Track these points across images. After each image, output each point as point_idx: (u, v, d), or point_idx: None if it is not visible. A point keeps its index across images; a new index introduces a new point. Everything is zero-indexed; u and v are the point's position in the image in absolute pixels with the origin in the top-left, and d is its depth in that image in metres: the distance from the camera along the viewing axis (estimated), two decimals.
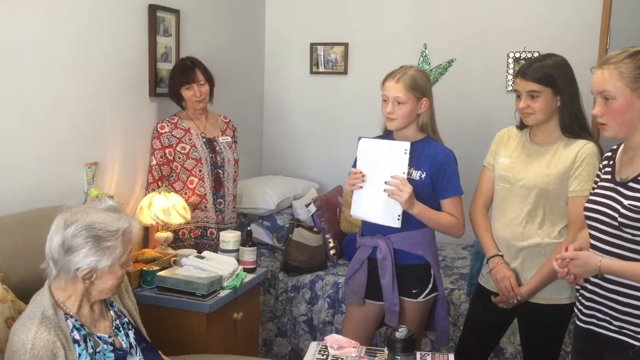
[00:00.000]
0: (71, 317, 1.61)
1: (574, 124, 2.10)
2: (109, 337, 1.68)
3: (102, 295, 1.67)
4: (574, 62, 2.17)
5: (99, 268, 1.59)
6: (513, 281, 2.15)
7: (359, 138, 2.29)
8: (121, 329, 1.75)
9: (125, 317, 1.81)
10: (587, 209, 1.79)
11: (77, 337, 1.59)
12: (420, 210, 2.15)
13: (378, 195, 2.17)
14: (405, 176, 2.12)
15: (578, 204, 2.02)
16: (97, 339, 1.64)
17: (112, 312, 1.76)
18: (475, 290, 2.43)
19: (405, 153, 2.12)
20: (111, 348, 1.66)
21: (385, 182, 2.13)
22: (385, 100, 2.22)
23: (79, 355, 1.57)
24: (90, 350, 1.60)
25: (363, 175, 2.19)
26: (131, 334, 1.77)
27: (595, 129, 2.31)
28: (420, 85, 2.20)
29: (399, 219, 2.16)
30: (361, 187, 2.19)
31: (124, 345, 1.71)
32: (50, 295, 1.59)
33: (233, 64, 3.69)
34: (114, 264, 1.61)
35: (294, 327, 3.19)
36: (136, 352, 1.74)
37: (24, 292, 1.70)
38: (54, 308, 1.57)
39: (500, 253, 2.22)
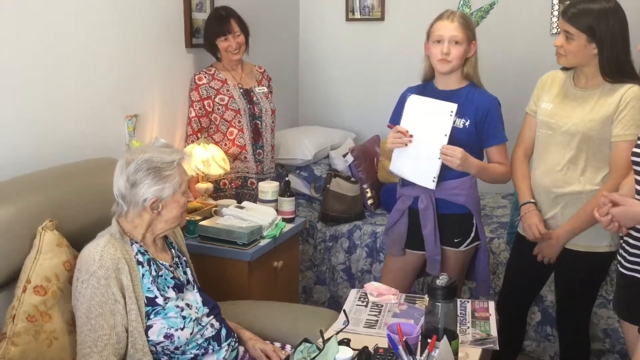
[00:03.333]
0: (136, 242, 1.73)
1: (614, 71, 2.01)
2: (170, 266, 1.80)
3: (167, 225, 1.77)
4: (623, 2, 2.05)
5: (164, 196, 1.71)
6: (541, 228, 2.12)
7: (406, 93, 2.24)
8: (180, 265, 1.85)
9: (183, 256, 1.92)
10: (635, 153, 1.73)
11: (140, 259, 1.71)
12: (477, 169, 2.14)
13: (417, 154, 2.14)
14: (446, 139, 2.07)
15: (621, 148, 1.96)
16: (160, 264, 1.76)
17: (172, 251, 1.87)
18: (514, 240, 2.41)
19: (451, 115, 2.06)
20: (171, 275, 1.77)
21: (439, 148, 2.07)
22: (438, 41, 2.14)
23: (143, 275, 1.69)
24: (154, 273, 1.72)
25: (411, 135, 2.13)
26: (188, 271, 1.88)
27: None
28: (472, 25, 2.16)
29: (434, 181, 2.13)
30: (406, 145, 2.15)
31: (182, 279, 1.82)
32: (117, 225, 1.72)
33: (267, 12, 3.63)
34: (175, 191, 1.73)
35: (332, 275, 3.24)
36: (193, 287, 1.85)
37: (74, 240, 1.77)
38: (120, 234, 1.71)
39: (533, 200, 2.18)
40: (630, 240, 1.76)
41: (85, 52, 2.27)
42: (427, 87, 2.27)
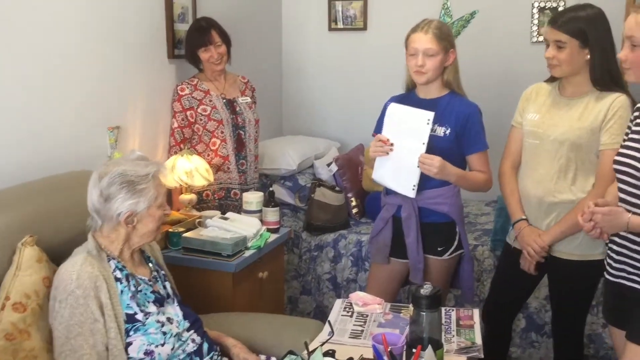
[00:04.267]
0: (113, 258, 1.70)
1: (606, 78, 2.02)
2: (149, 280, 1.77)
3: (143, 240, 1.75)
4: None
5: (138, 210, 1.68)
6: (540, 242, 2.12)
7: (389, 102, 2.25)
8: (159, 279, 1.83)
9: (162, 270, 1.90)
10: (616, 162, 1.75)
11: (119, 275, 1.68)
12: (455, 178, 2.14)
13: (397, 162, 2.15)
14: (424, 147, 2.08)
15: (608, 157, 1.98)
16: (138, 279, 1.74)
17: (150, 264, 1.85)
18: (503, 249, 2.41)
19: (428, 123, 2.07)
20: (151, 289, 1.75)
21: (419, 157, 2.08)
22: (413, 54, 2.16)
23: (121, 291, 1.66)
24: (133, 289, 1.69)
25: (392, 144, 2.14)
26: (167, 285, 1.85)
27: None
28: (448, 35, 2.16)
29: (413, 189, 2.14)
30: (387, 154, 2.16)
31: (162, 292, 1.80)
32: (94, 240, 1.70)
33: (250, 22, 3.64)
34: (150, 205, 1.70)
35: (318, 285, 3.23)
36: (173, 301, 1.82)
37: (54, 254, 1.75)
38: (97, 250, 1.68)
39: (524, 217, 2.19)
40: (615, 247, 1.78)
41: (66, 63, 2.25)
42: (409, 96, 2.28)
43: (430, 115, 2.07)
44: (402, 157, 2.14)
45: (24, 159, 2.09)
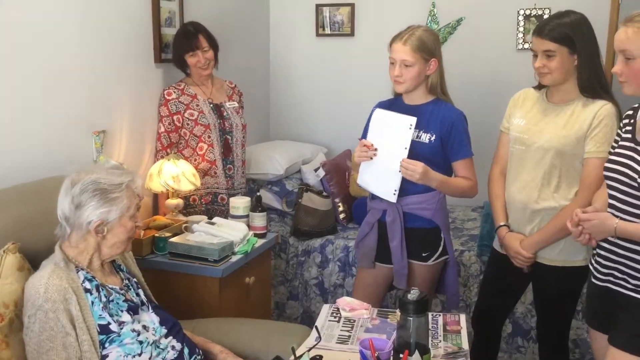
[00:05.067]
0: (82, 269, 1.66)
1: (594, 84, 2.04)
2: (120, 289, 1.74)
3: (114, 250, 1.71)
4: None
5: (109, 220, 1.65)
6: (524, 252, 2.13)
7: (374, 108, 2.26)
8: (131, 287, 1.80)
9: (134, 278, 1.86)
10: (607, 169, 1.77)
11: (88, 286, 1.64)
12: (438, 183, 2.15)
13: (380, 167, 2.17)
14: (406, 152, 2.09)
15: (592, 165, 2.00)
16: (109, 289, 1.70)
17: (121, 273, 1.82)
18: (490, 255, 2.42)
19: (410, 128, 2.08)
20: (123, 298, 1.72)
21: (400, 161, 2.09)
22: (392, 63, 2.18)
23: (92, 303, 1.63)
24: (104, 299, 1.65)
25: (375, 149, 2.16)
26: (141, 292, 1.82)
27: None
28: (429, 45, 2.16)
29: (394, 194, 2.16)
30: (371, 158, 2.17)
31: (136, 300, 1.76)
32: (61, 252, 1.66)
33: (238, 27, 3.63)
34: (122, 215, 1.67)
35: (305, 290, 3.23)
36: (148, 308, 1.79)
37: (37, 261, 1.72)
38: (65, 262, 1.63)
39: (504, 223, 2.21)
40: (602, 252, 1.79)
41: (51, 67, 2.24)
42: (396, 102, 2.30)
43: (412, 120, 2.09)
44: (385, 162, 2.15)
45: (7, 164, 2.06)
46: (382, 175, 2.18)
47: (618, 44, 1.67)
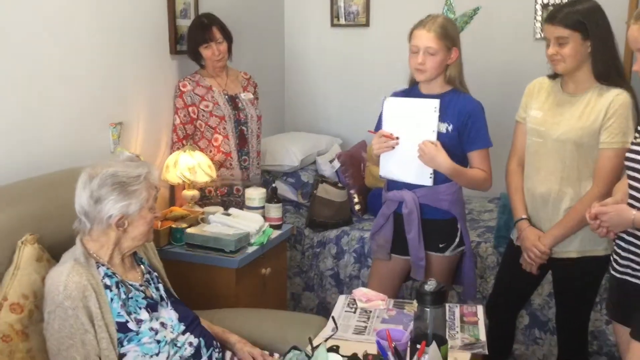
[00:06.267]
0: (103, 265, 1.65)
1: (610, 68, 2.00)
2: (140, 285, 1.73)
3: (135, 243, 1.71)
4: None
5: (130, 213, 1.64)
6: (540, 247, 2.10)
7: (383, 98, 2.24)
8: (151, 282, 1.79)
9: (154, 272, 1.86)
10: (627, 159, 1.75)
11: (108, 283, 1.63)
12: (450, 172, 2.12)
13: (407, 155, 2.14)
14: (435, 135, 2.07)
15: (606, 156, 1.97)
16: (129, 286, 1.69)
17: (142, 267, 1.81)
18: (507, 247, 2.40)
19: (435, 111, 2.07)
20: (143, 295, 1.71)
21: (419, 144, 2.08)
22: (415, 51, 2.15)
23: (111, 299, 1.62)
24: (123, 296, 1.65)
25: (396, 138, 2.14)
26: (161, 287, 1.82)
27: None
28: (451, 33, 2.14)
29: (431, 177, 2.14)
30: (393, 148, 2.15)
31: (155, 296, 1.76)
32: (82, 246, 1.65)
33: (252, 17, 3.62)
34: (142, 207, 1.66)
35: (320, 281, 3.23)
36: (167, 304, 1.79)
37: (56, 252, 1.73)
38: (85, 257, 1.63)
39: (525, 217, 2.17)
40: (622, 244, 1.77)
41: (68, 59, 2.25)
42: (412, 91, 2.28)
43: (436, 102, 2.07)
44: (411, 148, 2.12)
45: (25, 156, 2.08)
46: (410, 162, 2.14)
47: (633, 42, 1.63)
